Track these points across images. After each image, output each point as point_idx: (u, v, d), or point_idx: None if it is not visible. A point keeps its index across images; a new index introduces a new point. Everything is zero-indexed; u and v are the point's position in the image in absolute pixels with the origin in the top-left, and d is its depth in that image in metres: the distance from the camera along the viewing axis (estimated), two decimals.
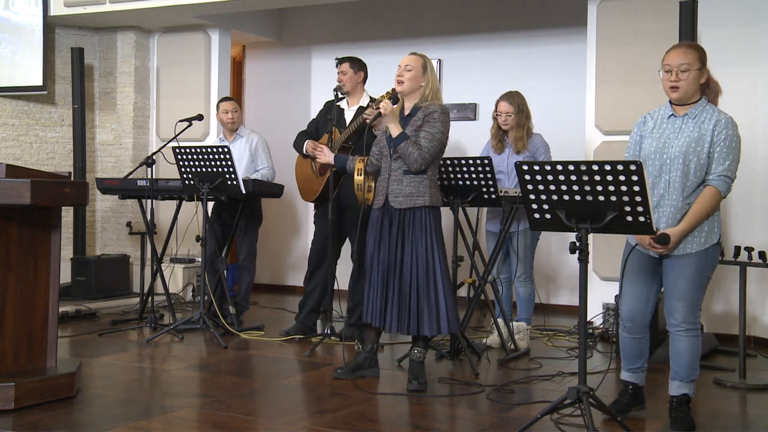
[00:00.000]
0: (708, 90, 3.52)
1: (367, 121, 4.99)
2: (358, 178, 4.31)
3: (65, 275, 5.97)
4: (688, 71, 3.42)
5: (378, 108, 4.19)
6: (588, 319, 3.73)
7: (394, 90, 4.44)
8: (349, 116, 5.37)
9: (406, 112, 4.21)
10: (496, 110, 5.35)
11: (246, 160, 5.98)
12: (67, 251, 6.77)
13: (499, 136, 5.37)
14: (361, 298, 4.52)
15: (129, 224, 6.40)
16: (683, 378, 3.49)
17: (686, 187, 3.39)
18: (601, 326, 5.56)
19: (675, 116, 3.48)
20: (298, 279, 7.85)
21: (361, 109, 5.24)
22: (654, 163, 3.47)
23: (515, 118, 5.26)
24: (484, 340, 5.22)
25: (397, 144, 4.08)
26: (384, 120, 4.16)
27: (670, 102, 3.52)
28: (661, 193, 3.45)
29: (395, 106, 4.16)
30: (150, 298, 5.93)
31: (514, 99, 5.28)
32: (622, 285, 3.60)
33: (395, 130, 4.09)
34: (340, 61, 5.44)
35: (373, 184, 4.32)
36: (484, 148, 5.54)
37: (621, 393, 3.69)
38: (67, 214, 7.11)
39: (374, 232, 4.22)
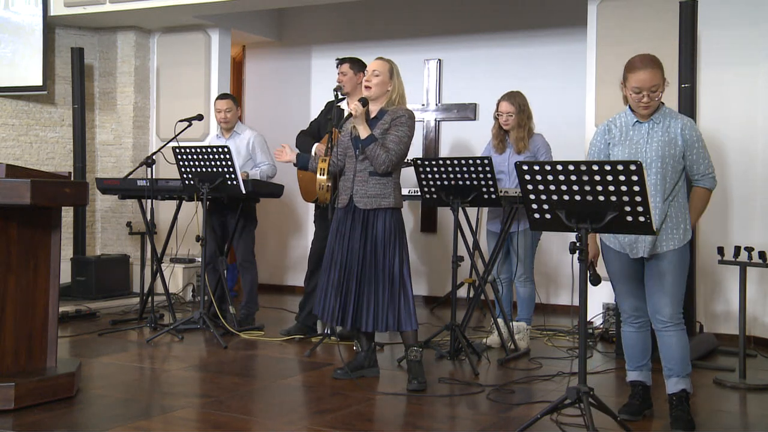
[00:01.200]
0: None
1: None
2: (321, 178, 4.37)
3: (65, 275, 5.97)
4: (657, 90, 3.47)
5: (349, 111, 4.25)
6: (588, 319, 3.73)
7: None
8: None
9: (372, 115, 4.27)
10: (497, 110, 5.36)
11: (242, 158, 5.96)
12: (67, 251, 6.77)
13: (501, 136, 5.37)
14: None
15: (129, 224, 6.40)
16: (679, 374, 3.51)
17: (666, 188, 3.47)
18: (601, 326, 5.56)
19: (640, 122, 3.54)
20: (297, 279, 7.86)
21: None
22: None
23: (516, 118, 5.27)
24: (484, 340, 5.22)
25: (366, 145, 4.15)
26: (353, 121, 4.22)
27: (631, 108, 3.57)
28: None
29: (364, 108, 4.21)
30: (150, 298, 5.93)
31: (516, 99, 5.29)
32: (615, 287, 3.68)
33: (364, 132, 4.17)
34: (341, 62, 5.43)
35: (330, 184, 4.37)
36: (485, 148, 5.54)
37: (632, 395, 3.69)
38: (67, 214, 7.11)
39: (335, 231, 4.29)
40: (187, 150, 5.42)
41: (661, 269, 3.48)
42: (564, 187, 3.18)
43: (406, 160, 4.44)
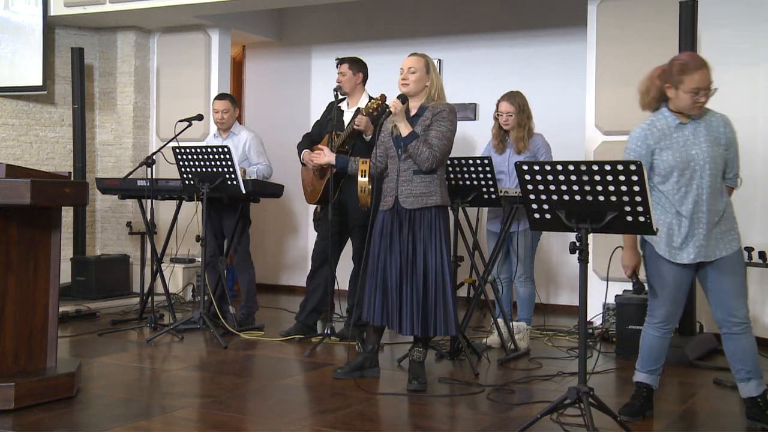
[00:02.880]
0: None
1: (357, 127, 4.98)
2: (363, 180, 4.23)
3: (65, 275, 5.97)
4: (711, 88, 3.41)
5: (388, 109, 4.15)
6: (588, 319, 3.73)
7: (383, 96, 4.45)
8: (347, 117, 5.34)
9: (413, 113, 4.17)
10: (497, 110, 5.36)
11: (237, 159, 5.94)
12: (67, 251, 6.77)
13: (500, 136, 5.38)
14: (361, 297, 4.51)
15: (129, 224, 6.40)
16: (760, 375, 3.50)
17: (719, 189, 3.44)
18: (601, 326, 5.56)
19: (683, 124, 3.46)
20: (295, 279, 7.87)
21: (359, 111, 5.21)
22: (683, 173, 3.43)
23: (516, 118, 5.27)
24: (484, 340, 5.22)
25: (408, 143, 4.05)
26: (393, 119, 4.14)
27: (669, 109, 3.49)
28: (695, 200, 3.42)
29: (404, 105, 4.11)
30: (150, 298, 5.93)
31: (516, 99, 5.29)
32: (656, 292, 3.56)
33: (405, 130, 4.06)
34: (340, 62, 5.43)
35: (371, 187, 4.27)
36: (485, 148, 5.55)
37: (634, 395, 3.68)
38: (67, 214, 7.11)
39: (383, 235, 4.18)
40: (187, 150, 5.43)
41: (727, 271, 3.46)
42: (564, 187, 3.18)
43: None
